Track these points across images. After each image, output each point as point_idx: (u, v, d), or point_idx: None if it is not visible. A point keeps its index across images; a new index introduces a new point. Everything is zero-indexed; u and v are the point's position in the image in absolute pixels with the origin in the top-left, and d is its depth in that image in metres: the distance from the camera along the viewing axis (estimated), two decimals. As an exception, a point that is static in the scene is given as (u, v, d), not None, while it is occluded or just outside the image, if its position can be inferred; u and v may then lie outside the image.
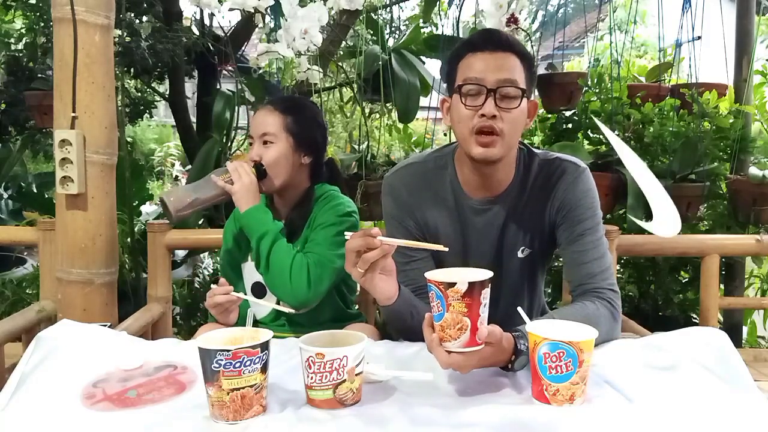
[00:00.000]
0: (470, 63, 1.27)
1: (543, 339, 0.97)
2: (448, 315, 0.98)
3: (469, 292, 0.96)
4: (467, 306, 0.97)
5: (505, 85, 1.25)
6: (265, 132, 1.55)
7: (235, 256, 1.67)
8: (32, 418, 0.97)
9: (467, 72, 1.27)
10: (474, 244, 1.41)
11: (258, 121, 1.58)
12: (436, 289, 0.98)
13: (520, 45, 1.32)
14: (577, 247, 1.33)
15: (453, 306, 0.97)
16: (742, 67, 2.75)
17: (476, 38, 1.30)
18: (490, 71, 1.25)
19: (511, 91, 1.25)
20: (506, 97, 1.25)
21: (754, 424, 0.92)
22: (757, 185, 2.38)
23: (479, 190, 1.38)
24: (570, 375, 0.96)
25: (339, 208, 1.56)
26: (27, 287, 2.87)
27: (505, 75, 1.25)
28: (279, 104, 1.59)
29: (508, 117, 1.26)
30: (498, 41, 1.27)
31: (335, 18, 2.83)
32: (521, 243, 1.40)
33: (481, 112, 1.25)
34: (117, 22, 1.92)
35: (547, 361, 0.97)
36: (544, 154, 1.41)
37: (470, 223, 1.40)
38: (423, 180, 1.42)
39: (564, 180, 1.35)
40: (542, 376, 0.98)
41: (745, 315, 2.81)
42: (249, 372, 0.92)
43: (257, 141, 1.57)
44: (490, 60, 1.26)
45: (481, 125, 1.25)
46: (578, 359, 0.95)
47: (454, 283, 0.96)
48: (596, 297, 1.28)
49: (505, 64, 1.26)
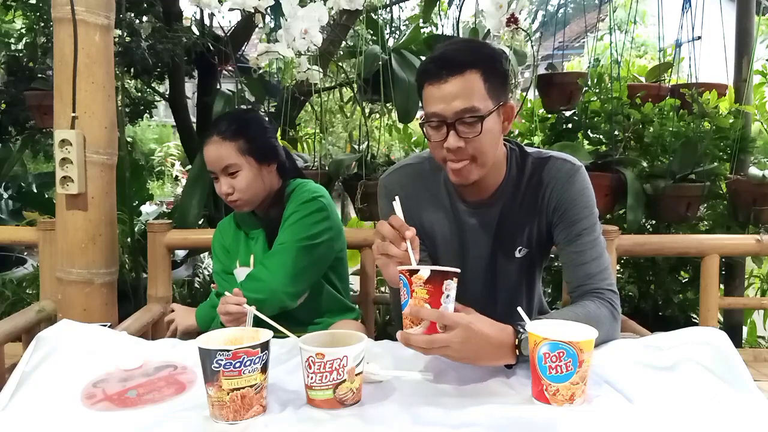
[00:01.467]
0: (429, 95, 1.25)
1: (543, 339, 0.97)
2: (411, 301, 1.02)
3: (431, 279, 1.00)
4: (429, 293, 1.00)
5: (464, 117, 1.22)
6: (226, 165, 1.56)
7: (227, 264, 1.73)
8: (32, 418, 0.97)
9: (427, 106, 1.25)
10: (470, 245, 1.42)
11: (213, 156, 1.57)
12: (404, 277, 1.03)
13: (478, 52, 1.25)
14: (575, 248, 1.33)
15: (416, 293, 1.01)
16: (742, 67, 2.75)
17: (430, 66, 1.25)
18: (446, 102, 1.21)
19: (470, 120, 1.22)
20: (467, 126, 1.23)
21: (754, 424, 0.92)
22: (757, 185, 2.38)
23: (471, 192, 1.39)
24: (570, 375, 0.96)
25: (302, 195, 1.60)
26: (27, 287, 2.87)
27: (461, 105, 1.21)
28: (225, 132, 1.57)
29: (475, 141, 1.24)
30: (451, 65, 1.22)
31: (335, 18, 2.83)
32: (518, 243, 1.41)
33: (445, 146, 1.24)
34: (117, 22, 1.92)
35: (547, 361, 0.97)
36: (537, 152, 1.40)
37: (465, 223, 1.41)
38: (418, 181, 1.43)
39: (559, 179, 1.34)
40: (542, 376, 0.98)
41: (745, 315, 2.81)
42: (249, 372, 0.92)
43: (221, 175, 1.58)
44: (446, 90, 1.21)
45: (450, 158, 1.26)
46: (578, 359, 0.95)
47: (417, 270, 1.01)
48: (596, 297, 1.28)
49: (460, 92, 1.21)
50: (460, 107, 1.21)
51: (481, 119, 1.22)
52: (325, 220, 1.60)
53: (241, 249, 1.70)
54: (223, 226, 1.78)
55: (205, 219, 2.84)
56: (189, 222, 2.40)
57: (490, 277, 1.44)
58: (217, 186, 1.60)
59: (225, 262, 1.73)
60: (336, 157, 2.63)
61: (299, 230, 1.56)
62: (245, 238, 1.70)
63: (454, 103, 1.21)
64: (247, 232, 1.70)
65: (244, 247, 1.70)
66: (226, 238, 1.75)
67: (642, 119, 2.51)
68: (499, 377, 1.08)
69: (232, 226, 1.75)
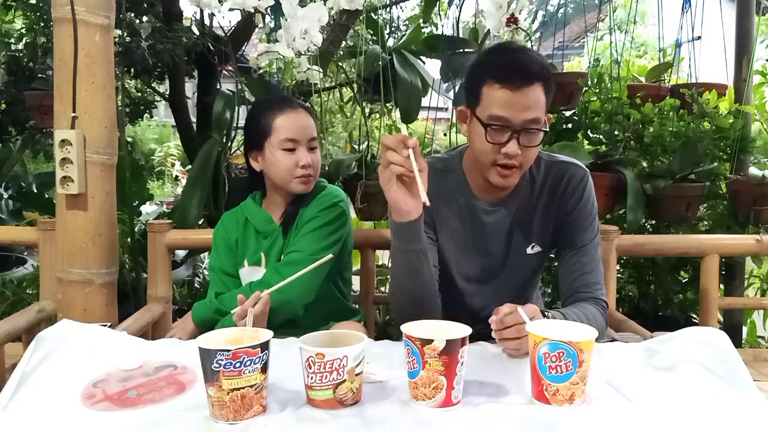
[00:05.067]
0: (495, 96, 1.25)
1: (543, 339, 0.97)
2: (424, 373, 0.96)
3: (447, 350, 0.94)
4: (444, 365, 0.94)
5: (531, 126, 1.26)
6: (313, 137, 1.56)
7: (227, 262, 1.66)
8: (32, 418, 0.97)
9: (492, 106, 1.26)
10: (485, 242, 1.45)
11: (304, 124, 1.56)
12: (412, 345, 0.96)
13: (545, 68, 1.29)
14: (578, 258, 1.39)
15: (429, 364, 0.95)
16: (742, 67, 2.75)
17: (503, 69, 1.25)
18: (516, 111, 1.24)
19: (534, 130, 1.27)
20: (530, 136, 1.27)
21: (754, 424, 0.92)
22: (757, 185, 2.38)
23: (489, 192, 1.42)
24: (570, 375, 0.96)
25: (323, 200, 1.59)
26: (27, 287, 2.87)
27: (530, 115, 1.25)
28: (305, 107, 1.60)
29: (530, 151, 1.29)
30: (526, 74, 1.24)
31: (335, 18, 2.83)
32: (532, 240, 1.45)
33: (504, 151, 1.27)
34: (117, 22, 1.92)
35: (547, 361, 0.97)
36: (547, 155, 1.45)
37: (480, 221, 1.44)
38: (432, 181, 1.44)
39: (572, 184, 1.40)
40: (542, 376, 0.98)
41: (745, 315, 2.81)
42: (249, 372, 0.92)
43: (304, 146, 1.55)
44: (517, 98, 1.24)
45: (503, 162, 1.28)
46: (578, 359, 0.95)
47: (431, 340, 0.94)
48: (593, 304, 1.36)
49: (531, 103, 1.24)
50: (529, 117, 1.25)
51: (544, 132, 1.28)
52: (342, 227, 1.59)
53: (251, 246, 1.63)
54: (228, 220, 1.68)
55: (205, 219, 2.84)
56: (189, 222, 2.40)
57: (500, 274, 1.48)
58: (291, 157, 1.54)
59: (226, 259, 1.65)
60: (336, 157, 2.63)
61: (318, 240, 1.53)
62: (255, 234, 1.63)
63: (525, 112, 1.24)
64: (259, 229, 1.63)
65: (254, 244, 1.62)
66: (231, 233, 1.66)
67: (642, 119, 2.51)
68: (498, 378, 1.08)
69: (240, 221, 1.66)
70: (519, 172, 1.32)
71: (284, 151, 1.54)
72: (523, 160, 1.30)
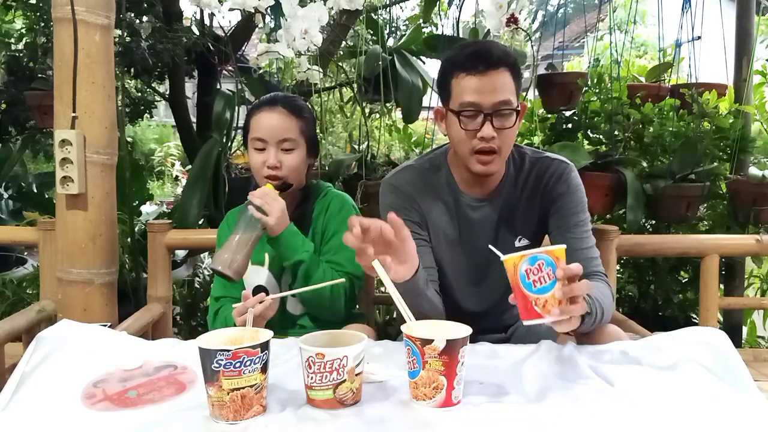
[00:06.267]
0: (464, 85, 1.30)
1: (521, 256, 1.02)
2: (424, 373, 0.95)
3: (447, 350, 0.94)
4: (444, 365, 0.94)
5: (502, 108, 1.29)
6: (286, 138, 1.49)
7: None
8: (32, 418, 0.97)
9: (462, 95, 1.30)
10: (473, 237, 1.47)
11: (275, 124, 1.49)
12: (413, 345, 0.96)
13: (508, 54, 1.33)
14: (572, 235, 1.40)
15: (429, 364, 0.95)
16: (742, 67, 2.75)
17: (467, 58, 1.30)
18: (485, 94, 1.28)
19: (506, 112, 1.29)
20: (503, 118, 1.30)
21: (754, 424, 0.92)
22: (757, 185, 2.38)
23: (474, 187, 1.45)
24: (553, 283, 1.01)
25: (345, 210, 1.56)
26: (27, 287, 2.86)
27: (499, 97, 1.28)
28: (289, 106, 1.52)
29: (505, 134, 1.32)
30: (489, 60, 1.28)
31: (335, 18, 2.83)
32: (518, 233, 1.47)
33: (480, 135, 1.30)
34: (117, 22, 1.92)
35: (531, 276, 1.01)
36: (533, 152, 1.48)
37: (467, 217, 1.46)
38: (421, 179, 1.48)
39: (556, 175, 1.43)
40: (529, 293, 1.02)
41: (745, 315, 2.81)
42: (249, 372, 0.92)
43: (274, 147, 1.49)
44: (484, 82, 1.28)
45: (480, 147, 1.31)
46: (557, 267, 1.01)
47: (431, 340, 0.94)
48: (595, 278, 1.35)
49: (498, 85, 1.28)
50: (498, 99, 1.28)
51: (516, 112, 1.30)
52: None
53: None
54: (233, 218, 1.65)
55: (205, 219, 2.84)
56: (189, 222, 2.40)
57: (490, 269, 1.48)
58: (259, 156, 1.50)
59: None
60: (336, 157, 2.63)
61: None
62: None
63: (494, 95, 1.28)
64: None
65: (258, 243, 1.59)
66: None
67: (642, 119, 2.51)
68: (498, 378, 1.08)
69: None
70: (499, 159, 1.34)
71: (255, 150, 1.52)
72: (501, 144, 1.31)
